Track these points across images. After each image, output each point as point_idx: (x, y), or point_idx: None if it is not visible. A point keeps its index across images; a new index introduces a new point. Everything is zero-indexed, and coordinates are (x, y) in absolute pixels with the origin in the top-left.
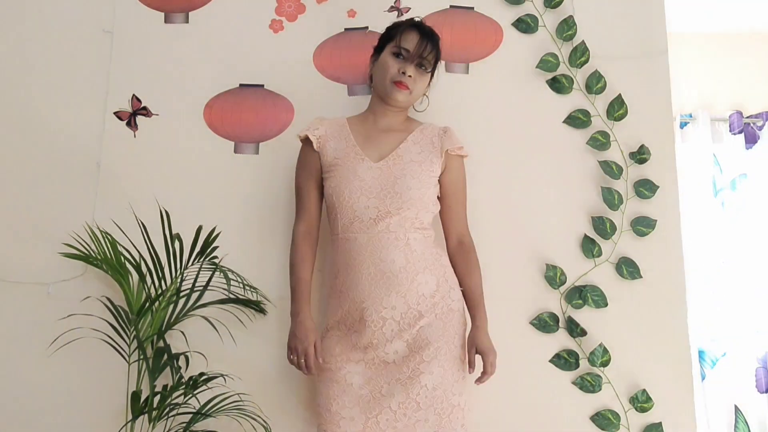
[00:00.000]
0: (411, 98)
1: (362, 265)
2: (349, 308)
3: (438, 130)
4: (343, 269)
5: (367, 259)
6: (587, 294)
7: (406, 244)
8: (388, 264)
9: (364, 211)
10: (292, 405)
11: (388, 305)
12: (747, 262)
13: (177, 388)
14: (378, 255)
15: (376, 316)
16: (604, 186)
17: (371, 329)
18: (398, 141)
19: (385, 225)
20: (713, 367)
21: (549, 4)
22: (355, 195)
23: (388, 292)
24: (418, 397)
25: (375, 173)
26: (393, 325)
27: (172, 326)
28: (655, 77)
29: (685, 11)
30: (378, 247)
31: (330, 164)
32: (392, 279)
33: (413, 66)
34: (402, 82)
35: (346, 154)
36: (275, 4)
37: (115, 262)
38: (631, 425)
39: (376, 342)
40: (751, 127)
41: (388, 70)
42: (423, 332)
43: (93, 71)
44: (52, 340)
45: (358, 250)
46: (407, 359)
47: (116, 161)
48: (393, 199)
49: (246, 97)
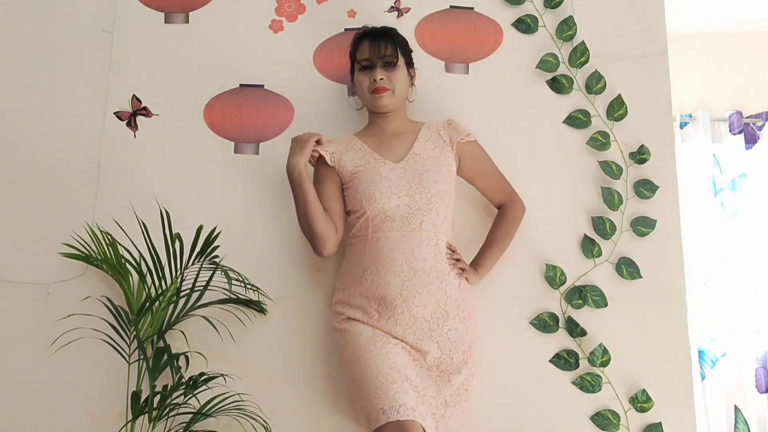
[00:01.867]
0: (396, 97)
1: (395, 262)
2: (378, 306)
3: (442, 124)
4: (372, 267)
5: (400, 256)
6: (587, 294)
7: (436, 244)
8: (421, 261)
9: (396, 210)
10: (292, 405)
11: (419, 303)
12: (747, 262)
13: (177, 388)
14: (411, 252)
15: (408, 315)
16: (604, 186)
17: (401, 327)
18: (411, 141)
19: (417, 223)
20: (713, 367)
21: (549, 5)
22: (385, 195)
23: (420, 290)
24: (447, 395)
25: (399, 173)
26: (423, 325)
27: (173, 326)
28: (655, 77)
29: (685, 11)
30: (411, 245)
31: (350, 174)
32: (424, 277)
33: (380, 69)
34: (377, 87)
35: (366, 161)
36: (275, 4)
37: (115, 262)
38: (631, 425)
39: (409, 340)
40: (750, 128)
41: (362, 86)
42: (451, 335)
43: (93, 71)
44: (52, 340)
45: (391, 247)
46: (438, 360)
47: (116, 161)
48: (422, 195)
49: (246, 97)
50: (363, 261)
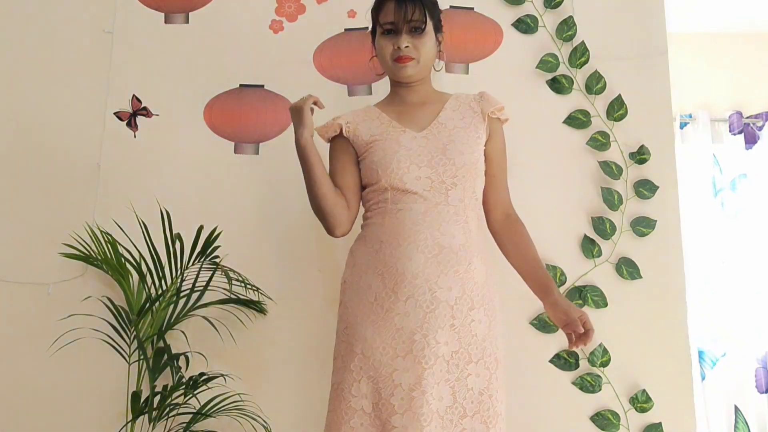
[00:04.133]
0: (421, 66)
1: (418, 235)
2: (395, 285)
3: (474, 96)
4: (391, 240)
5: (425, 230)
6: (587, 294)
7: (465, 222)
8: (449, 238)
9: (416, 183)
10: (292, 405)
11: (443, 285)
12: (747, 262)
13: (177, 388)
14: (437, 228)
15: (429, 296)
16: (604, 186)
17: (422, 310)
18: (436, 111)
19: (443, 197)
20: (713, 368)
21: (549, 5)
22: (404, 165)
23: (445, 270)
24: (465, 401)
25: (420, 142)
26: (446, 310)
27: (173, 326)
28: (655, 77)
29: (685, 11)
30: (437, 219)
31: (366, 143)
32: (452, 256)
33: (405, 35)
34: (401, 56)
35: (384, 130)
36: (275, 5)
37: (115, 262)
38: (631, 425)
39: (427, 328)
40: (750, 128)
41: (384, 52)
42: (473, 327)
43: (93, 71)
44: (52, 340)
45: (414, 219)
46: (456, 355)
47: (116, 161)
48: (446, 167)
49: (246, 97)
50: (380, 234)
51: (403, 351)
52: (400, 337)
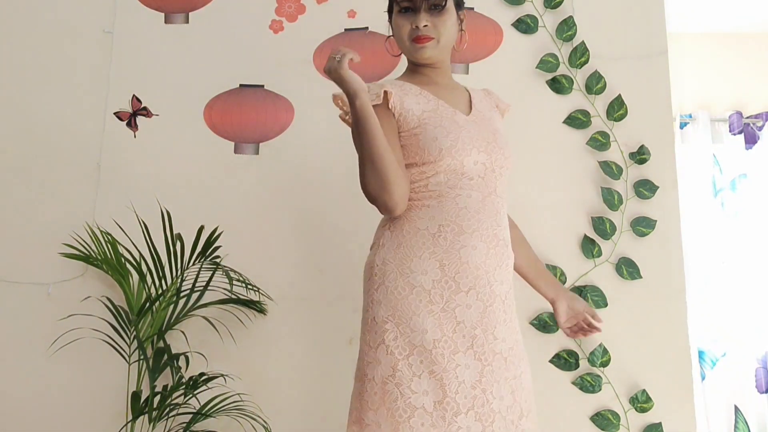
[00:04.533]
0: (441, 46)
1: (480, 224)
2: (456, 274)
3: (483, 90)
4: (453, 225)
5: (486, 219)
6: (587, 294)
7: (505, 214)
8: (503, 229)
9: (473, 168)
10: (292, 405)
11: (499, 278)
12: (747, 262)
13: (177, 389)
14: (494, 217)
15: (488, 289)
16: (604, 186)
17: (482, 304)
18: (468, 96)
19: (493, 187)
20: (713, 368)
21: (549, 5)
22: (466, 147)
23: (500, 263)
24: (521, 400)
25: (474, 127)
26: (500, 305)
27: (173, 326)
28: (655, 77)
29: (685, 11)
30: (493, 210)
31: (418, 118)
32: (506, 248)
33: (424, 13)
34: (419, 36)
35: (434, 107)
36: (275, 5)
37: (115, 262)
38: (631, 425)
39: (486, 322)
40: (750, 128)
41: (401, 31)
42: (515, 323)
43: (93, 71)
44: (52, 340)
45: (476, 207)
46: (512, 352)
47: (116, 161)
48: (498, 155)
49: (246, 97)
50: (438, 218)
51: (464, 346)
52: (460, 331)
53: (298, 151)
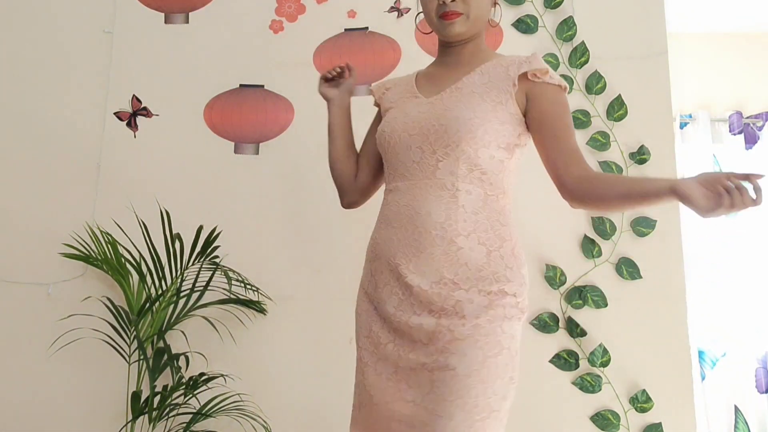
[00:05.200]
0: (471, 21)
1: (398, 216)
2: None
3: (520, 58)
4: (380, 224)
5: (403, 209)
6: (587, 294)
7: (453, 197)
8: (423, 217)
9: (406, 153)
10: (292, 405)
11: (416, 270)
12: (747, 262)
13: (177, 389)
14: (413, 205)
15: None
16: None
17: (397, 296)
18: (462, 74)
19: (431, 171)
20: (713, 368)
21: (549, 5)
22: (396, 134)
23: (417, 253)
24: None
25: (423, 108)
26: (420, 295)
27: (173, 326)
28: (655, 77)
29: (685, 11)
30: (417, 197)
31: (385, 111)
32: (424, 236)
33: None
34: (447, 12)
35: (400, 96)
36: (275, 5)
37: (115, 262)
38: (631, 425)
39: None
40: (750, 128)
41: (429, 7)
42: (460, 307)
43: (93, 71)
44: (52, 340)
45: (397, 200)
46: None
47: (116, 161)
48: (438, 135)
49: (246, 97)
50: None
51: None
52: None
53: (297, 151)
